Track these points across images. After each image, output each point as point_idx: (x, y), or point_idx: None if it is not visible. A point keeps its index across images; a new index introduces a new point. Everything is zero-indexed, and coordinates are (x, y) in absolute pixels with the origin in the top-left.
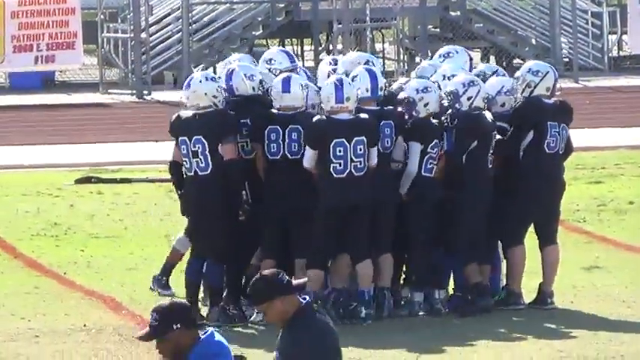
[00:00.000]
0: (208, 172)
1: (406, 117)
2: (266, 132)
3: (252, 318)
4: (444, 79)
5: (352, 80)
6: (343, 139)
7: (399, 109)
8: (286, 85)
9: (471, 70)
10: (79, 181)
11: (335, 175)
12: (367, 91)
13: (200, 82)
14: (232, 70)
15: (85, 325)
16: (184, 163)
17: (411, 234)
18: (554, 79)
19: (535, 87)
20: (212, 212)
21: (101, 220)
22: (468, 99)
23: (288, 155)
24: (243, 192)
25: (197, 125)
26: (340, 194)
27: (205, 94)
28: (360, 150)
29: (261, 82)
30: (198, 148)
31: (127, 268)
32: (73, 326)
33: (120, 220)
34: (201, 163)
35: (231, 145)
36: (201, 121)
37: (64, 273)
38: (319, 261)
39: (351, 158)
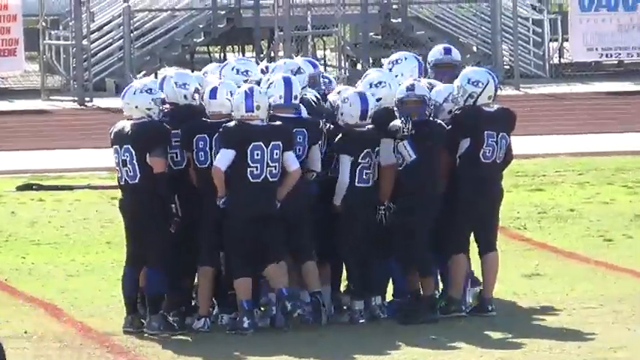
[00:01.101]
0: (137, 180)
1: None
2: (195, 140)
3: (193, 325)
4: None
5: (268, 87)
6: (261, 143)
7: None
8: (213, 92)
9: (420, 75)
10: (20, 188)
11: (251, 180)
12: (280, 98)
13: (134, 93)
14: (164, 78)
15: (26, 332)
16: (117, 172)
17: (339, 243)
18: (494, 86)
19: (478, 97)
20: (144, 220)
21: (42, 227)
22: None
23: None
24: (173, 205)
25: (126, 134)
26: (255, 200)
27: (136, 106)
28: (276, 155)
29: (197, 90)
30: (127, 157)
31: (68, 275)
32: (13, 333)
33: (61, 227)
34: (130, 172)
35: (159, 159)
36: (132, 130)
37: (6, 279)
38: (241, 269)
39: (267, 163)
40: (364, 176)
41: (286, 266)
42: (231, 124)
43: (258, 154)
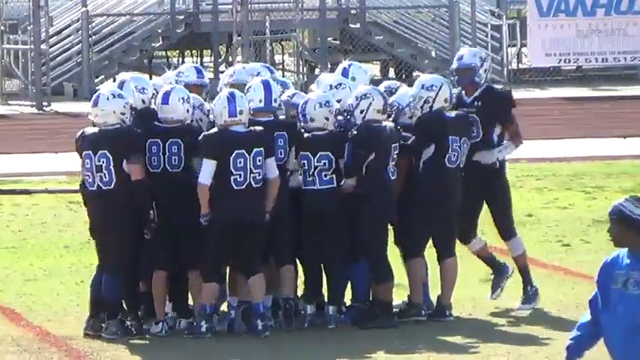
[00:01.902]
0: (112, 186)
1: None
2: (147, 144)
3: (150, 330)
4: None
5: (247, 92)
6: (243, 151)
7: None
8: (165, 97)
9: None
10: None
11: (235, 187)
12: (260, 102)
13: (108, 99)
14: (124, 82)
15: None
16: (86, 178)
17: (303, 246)
18: (449, 90)
19: (433, 102)
20: (112, 226)
21: (0, 231)
22: (361, 112)
23: (168, 168)
24: (151, 211)
25: (102, 140)
26: (239, 207)
27: (114, 111)
28: (259, 161)
29: (154, 95)
30: (103, 162)
31: (26, 279)
32: None
33: (19, 231)
34: (105, 177)
35: (137, 166)
36: (108, 136)
37: None
38: (215, 274)
39: (251, 169)
40: (324, 179)
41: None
42: (212, 131)
43: (240, 162)
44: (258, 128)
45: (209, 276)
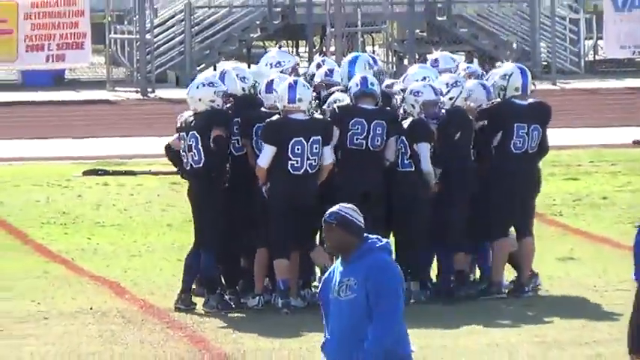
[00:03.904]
0: (201, 165)
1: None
2: (254, 129)
3: (247, 303)
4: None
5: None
6: (301, 138)
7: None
8: (269, 86)
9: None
10: (86, 173)
11: (292, 172)
12: (357, 86)
13: (197, 88)
14: (225, 72)
15: (91, 308)
16: (183, 157)
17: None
18: (521, 78)
19: (505, 89)
20: (204, 203)
21: (107, 210)
22: (450, 99)
23: None
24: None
25: (193, 122)
26: (295, 191)
27: (200, 99)
28: (316, 149)
29: (254, 85)
30: (192, 142)
31: (131, 255)
32: (79, 309)
33: (125, 210)
34: (195, 156)
35: (220, 128)
36: (196, 118)
37: (72, 259)
38: (282, 251)
39: (307, 156)
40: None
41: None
42: (274, 118)
43: (298, 149)
44: (318, 116)
45: (276, 253)
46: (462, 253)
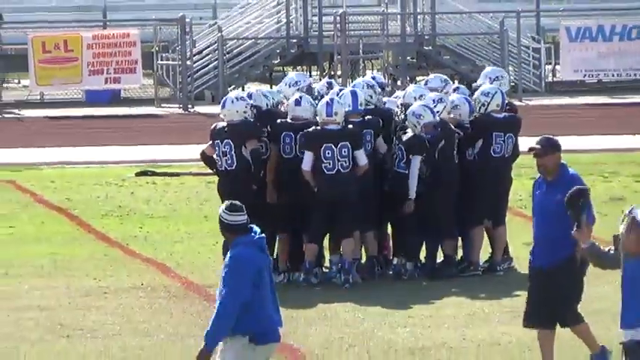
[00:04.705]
0: (234, 167)
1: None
2: (282, 136)
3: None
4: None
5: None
6: (331, 144)
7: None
8: (298, 101)
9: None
10: (138, 174)
11: (326, 172)
12: (349, 106)
13: (232, 102)
14: (251, 94)
15: (142, 284)
16: (217, 161)
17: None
18: (501, 97)
19: (488, 105)
20: (236, 199)
21: (155, 204)
22: (437, 112)
23: (298, 154)
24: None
25: (227, 131)
26: (331, 187)
27: (237, 111)
28: (345, 152)
29: (276, 103)
30: (227, 148)
31: (174, 241)
32: (133, 285)
33: (170, 204)
34: (229, 160)
35: (254, 140)
36: (231, 128)
37: (127, 244)
38: (316, 238)
39: (337, 158)
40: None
41: (354, 241)
42: (311, 129)
43: (329, 153)
44: (350, 127)
45: (311, 238)
46: (450, 240)
